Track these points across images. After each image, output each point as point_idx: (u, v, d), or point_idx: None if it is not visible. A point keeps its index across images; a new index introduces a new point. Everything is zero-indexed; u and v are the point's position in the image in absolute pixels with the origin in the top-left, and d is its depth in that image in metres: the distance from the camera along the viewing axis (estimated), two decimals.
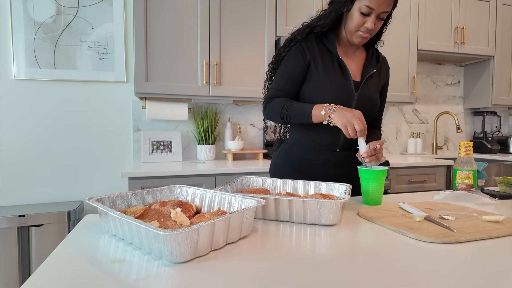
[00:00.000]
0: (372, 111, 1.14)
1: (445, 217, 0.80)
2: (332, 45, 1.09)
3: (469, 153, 1.16)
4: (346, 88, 1.08)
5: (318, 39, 1.12)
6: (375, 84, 1.14)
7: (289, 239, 0.67)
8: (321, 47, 1.11)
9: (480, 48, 2.74)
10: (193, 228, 0.53)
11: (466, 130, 3.19)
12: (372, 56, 1.15)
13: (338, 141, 1.12)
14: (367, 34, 1.04)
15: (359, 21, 1.01)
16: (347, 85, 1.08)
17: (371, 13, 0.99)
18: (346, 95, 1.07)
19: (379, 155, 0.99)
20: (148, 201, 0.81)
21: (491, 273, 0.52)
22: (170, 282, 0.48)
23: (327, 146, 1.13)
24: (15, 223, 1.75)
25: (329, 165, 1.14)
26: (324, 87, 1.07)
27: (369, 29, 1.01)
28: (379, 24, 1.03)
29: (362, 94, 1.09)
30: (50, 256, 0.58)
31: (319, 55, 1.09)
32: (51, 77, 2.06)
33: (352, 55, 1.14)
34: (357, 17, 1.01)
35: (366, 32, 1.03)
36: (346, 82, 1.08)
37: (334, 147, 1.13)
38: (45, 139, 2.09)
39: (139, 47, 1.92)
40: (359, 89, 1.09)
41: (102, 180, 2.20)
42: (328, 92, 1.06)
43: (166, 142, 2.21)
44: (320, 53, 1.09)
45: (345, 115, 0.93)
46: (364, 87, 1.10)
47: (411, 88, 2.54)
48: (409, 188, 2.24)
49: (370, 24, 1.00)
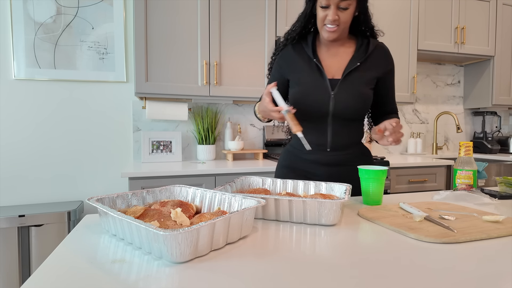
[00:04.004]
0: (362, 106, 1.10)
1: (445, 217, 0.80)
2: (309, 47, 1.12)
3: (469, 153, 1.16)
4: (320, 89, 1.08)
5: (298, 44, 1.15)
6: (362, 78, 1.09)
7: (289, 239, 0.67)
8: (300, 52, 1.14)
9: (480, 48, 2.74)
10: (193, 228, 0.53)
11: (466, 130, 3.19)
12: (360, 48, 1.11)
13: (326, 141, 1.11)
14: (333, 27, 1.03)
15: (322, 15, 1.04)
16: (322, 86, 1.08)
17: (330, 5, 1.01)
18: (321, 96, 1.08)
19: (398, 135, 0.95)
20: (148, 201, 0.81)
21: (491, 273, 0.52)
22: (170, 282, 0.48)
23: (317, 146, 1.13)
24: (15, 223, 1.75)
25: (321, 165, 1.14)
26: (302, 92, 1.10)
27: (332, 21, 1.02)
28: (344, 14, 1.02)
29: (341, 91, 1.07)
30: (50, 256, 0.58)
31: (298, 61, 1.13)
32: (51, 77, 2.06)
33: (336, 52, 1.13)
34: (319, 12, 1.04)
35: (332, 25, 1.03)
36: (321, 83, 1.08)
37: (324, 147, 1.12)
38: (45, 139, 2.09)
39: (139, 47, 1.92)
40: (337, 87, 1.08)
41: (102, 180, 2.20)
42: (305, 95, 1.09)
43: (166, 142, 2.21)
44: (299, 58, 1.13)
45: (262, 104, 1.00)
46: (345, 84, 1.08)
47: (411, 88, 2.54)
48: (409, 188, 2.24)
49: (331, 15, 1.01)
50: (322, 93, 1.08)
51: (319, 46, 1.14)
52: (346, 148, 1.13)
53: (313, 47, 1.13)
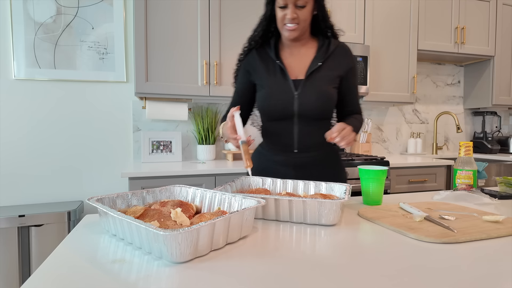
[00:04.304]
0: (327, 105, 1.10)
1: (445, 217, 0.80)
2: (271, 50, 1.13)
3: (469, 153, 1.16)
4: (284, 90, 1.08)
5: (262, 48, 1.16)
6: (325, 77, 1.10)
7: (289, 239, 0.67)
8: (264, 55, 1.15)
9: (480, 48, 2.74)
10: (193, 228, 0.53)
11: (466, 130, 3.19)
12: (321, 48, 1.12)
13: (292, 143, 1.11)
14: (293, 25, 1.04)
15: (281, 15, 1.05)
16: (286, 87, 1.08)
17: (287, 4, 1.02)
18: (285, 96, 1.08)
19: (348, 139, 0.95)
20: (148, 201, 0.81)
21: (491, 273, 0.52)
22: (170, 282, 0.48)
23: (283, 147, 1.13)
24: (15, 223, 1.75)
25: (289, 166, 1.13)
26: (267, 94, 1.11)
27: (291, 19, 1.03)
28: (302, 12, 1.03)
29: (305, 91, 1.08)
30: (50, 256, 0.58)
31: (262, 65, 1.14)
32: (51, 77, 2.06)
33: (298, 54, 1.13)
34: (278, 13, 1.05)
35: (291, 23, 1.04)
36: (284, 84, 1.09)
37: (290, 148, 1.12)
38: (45, 139, 2.09)
39: (139, 47, 1.92)
40: (300, 87, 1.08)
41: (102, 180, 2.20)
42: (270, 97, 1.10)
43: (166, 142, 2.21)
44: (263, 62, 1.14)
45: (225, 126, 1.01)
46: (308, 83, 1.08)
47: (411, 88, 2.54)
48: (409, 188, 2.24)
49: (289, 14, 1.02)
50: (286, 94, 1.08)
51: (282, 49, 1.16)
52: (314, 149, 1.12)
53: (276, 50, 1.14)
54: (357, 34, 2.36)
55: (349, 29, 2.35)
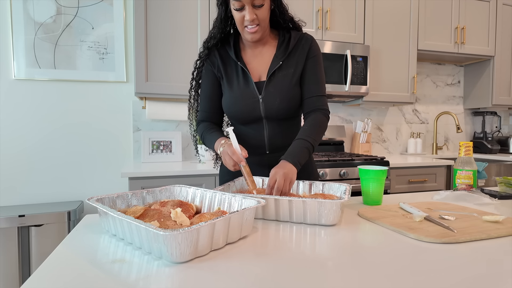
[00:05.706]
0: (292, 105, 1.06)
1: (445, 217, 0.80)
2: (231, 50, 1.07)
3: (469, 153, 1.16)
4: (248, 94, 1.05)
5: (223, 49, 1.10)
6: (287, 76, 1.05)
7: (289, 239, 0.67)
8: (225, 57, 1.09)
9: (480, 48, 2.74)
10: (193, 228, 0.53)
11: (466, 130, 3.19)
12: (281, 45, 1.07)
13: (264, 144, 1.10)
14: (254, 27, 0.98)
15: (239, 17, 0.98)
16: (249, 90, 1.05)
17: (244, 5, 0.95)
18: (250, 101, 1.05)
19: (286, 188, 0.87)
20: (148, 201, 0.81)
21: (491, 273, 0.52)
22: (170, 282, 0.48)
23: (255, 148, 1.11)
24: (15, 223, 1.75)
25: (263, 167, 1.12)
26: (231, 98, 1.07)
27: (251, 21, 0.97)
28: (261, 12, 0.98)
29: (268, 93, 1.04)
30: (50, 256, 0.58)
31: (224, 66, 1.08)
32: (51, 77, 2.06)
33: (259, 54, 1.09)
34: (236, 15, 0.99)
35: (252, 25, 0.99)
36: (248, 87, 1.05)
37: (262, 150, 1.11)
38: (45, 139, 2.09)
39: (139, 47, 1.92)
40: (263, 90, 1.04)
41: (102, 180, 2.20)
42: (235, 101, 1.06)
43: (166, 142, 2.21)
44: (225, 64, 1.09)
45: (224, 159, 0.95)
46: (271, 85, 1.04)
47: (411, 88, 2.54)
48: (409, 188, 2.24)
49: (248, 15, 0.96)
50: (250, 98, 1.05)
51: (243, 48, 1.10)
52: (285, 149, 1.05)
53: (237, 50, 1.08)
54: (357, 34, 2.36)
55: (349, 29, 2.35)
